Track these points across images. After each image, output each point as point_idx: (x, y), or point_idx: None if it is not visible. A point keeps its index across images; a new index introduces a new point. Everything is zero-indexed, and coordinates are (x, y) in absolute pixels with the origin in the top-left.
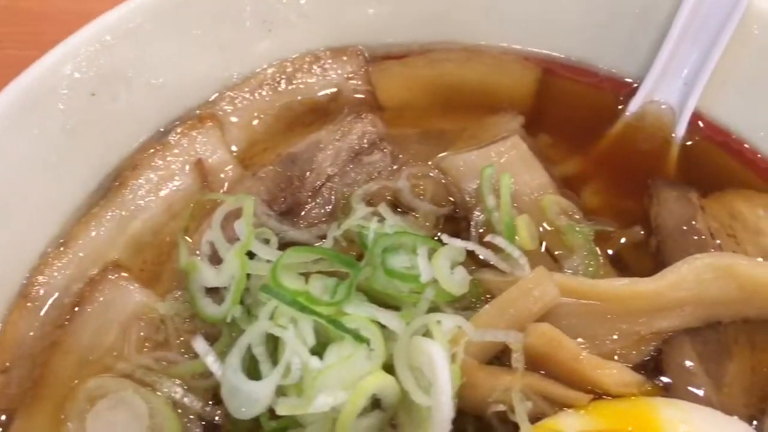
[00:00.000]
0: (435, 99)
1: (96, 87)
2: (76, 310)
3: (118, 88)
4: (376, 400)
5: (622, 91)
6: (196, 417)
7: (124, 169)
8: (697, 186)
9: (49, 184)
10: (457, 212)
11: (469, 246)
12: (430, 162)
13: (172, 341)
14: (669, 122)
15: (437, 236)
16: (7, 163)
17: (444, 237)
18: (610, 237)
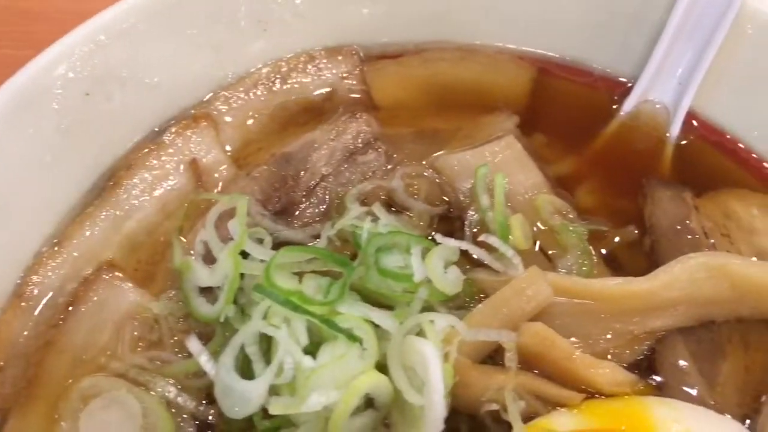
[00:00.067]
0: (430, 98)
1: (90, 87)
2: (71, 310)
3: (113, 87)
4: (370, 399)
5: (616, 91)
6: (190, 416)
7: (118, 168)
8: (692, 185)
9: (43, 183)
10: (451, 212)
11: (462, 245)
12: (425, 161)
13: (166, 341)
14: (663, 122)
15: (431, 236)
16: (2, 162)
17: (438, 236)
18: (604, 236)
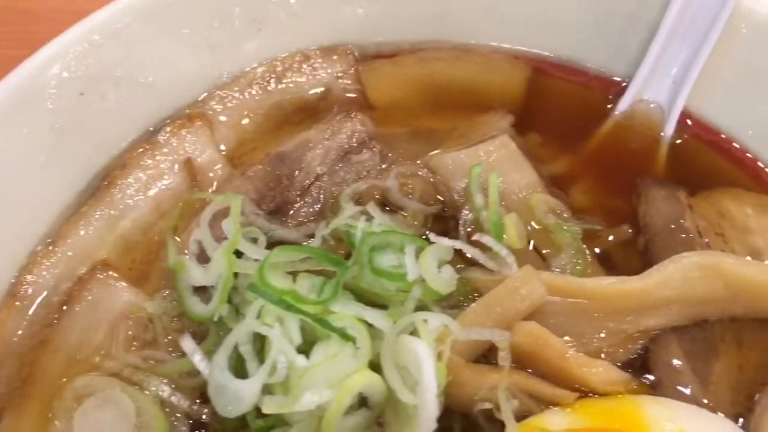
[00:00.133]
0: (425, 98)
1: (85, 86)
2: (65, 309)
3: (107, 87)
4: (363, 398)
5: (611, 90)
6: (184, 415)
7: (113, 168)
8: (686, 184)
9: (37, 183)
10: (445, 211)
11: (456, 245)
12: (419, 161)
13: (160, 340)
14: (658, 121)
15: (425, 235)
16: None
17: (432, 236)
18: (598, 235)
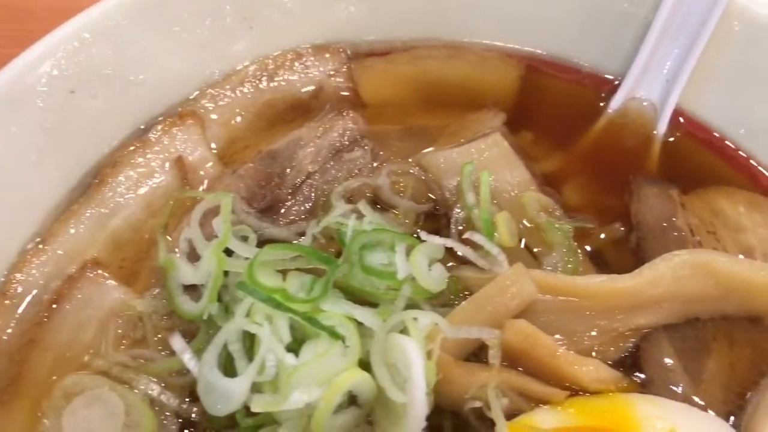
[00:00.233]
0: (417, 96)
1: (75, 84)
2: (55, 308)
3: (97, 85)
4: (353, 396)
5: (604, 88)
6: (173, 414)
7: (103, 166)
8: (679, 182)
9: (28, 181)
10: (437, 209)
11: (448, 243)
12: (411, 159)
13: (150, 338)
14: (651, 119)
15: (417, 233)
16: None
17: (423, 234)
18: (590, 234)
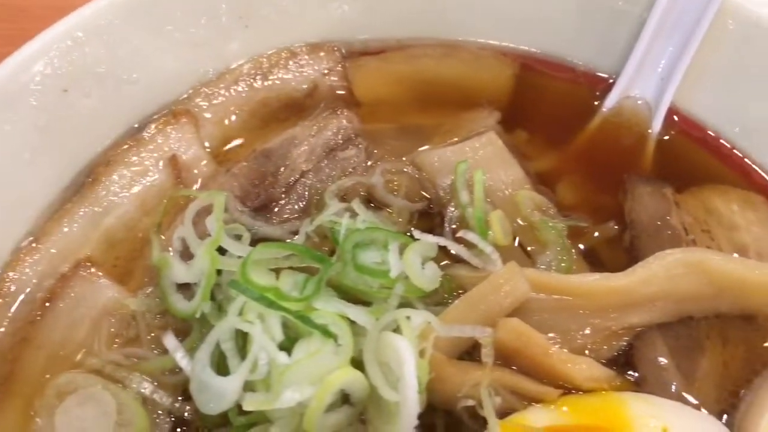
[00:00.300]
0: (412, 95)
1: (68, 83)
2: (48, 306)
3: (91, 84)
4: (345, 395)
5: (598, 87)
6: (166, 412)
7: (97, 165)
8: (673, 181)
9: (21, 180)
10: (431, 208)
11: (441, 241)
12: (405, 158)
13: (143, 337)
14: (645, 117)
15: (411, 232)
16: None
17: (416, 233)
18: (584, 232)
